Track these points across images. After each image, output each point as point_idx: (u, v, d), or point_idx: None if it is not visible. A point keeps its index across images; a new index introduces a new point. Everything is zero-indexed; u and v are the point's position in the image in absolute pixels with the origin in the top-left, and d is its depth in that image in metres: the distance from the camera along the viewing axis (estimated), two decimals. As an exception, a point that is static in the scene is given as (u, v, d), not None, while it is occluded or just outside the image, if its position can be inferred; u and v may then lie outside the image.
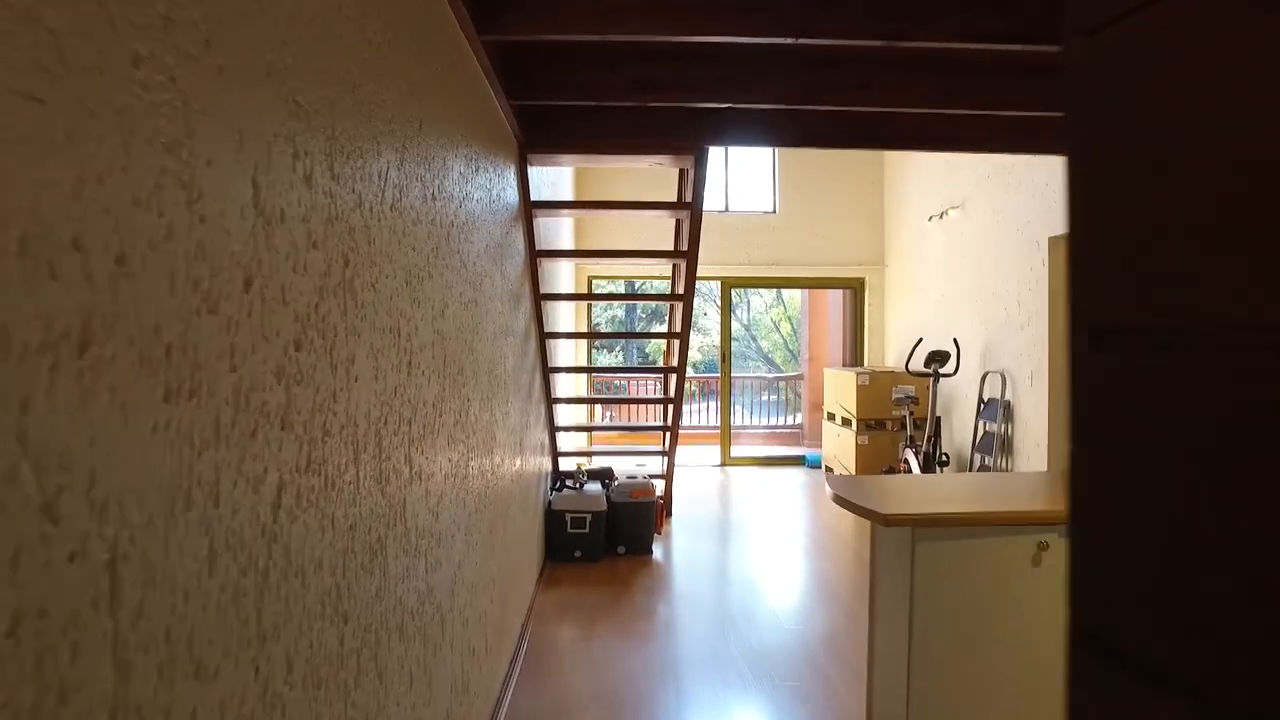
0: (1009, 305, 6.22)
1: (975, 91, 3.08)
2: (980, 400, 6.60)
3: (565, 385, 7.32)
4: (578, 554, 5.01)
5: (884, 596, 2.47)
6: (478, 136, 2.56)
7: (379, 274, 1.45)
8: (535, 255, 4.28)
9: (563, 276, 6.86)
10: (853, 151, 8.75)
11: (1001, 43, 2.40)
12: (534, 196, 4.15)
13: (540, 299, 4.47)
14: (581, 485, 5.20)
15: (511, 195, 3.48)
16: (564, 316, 6.84)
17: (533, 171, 4.24)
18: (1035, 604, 2.26)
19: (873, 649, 2.58)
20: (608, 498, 5.16)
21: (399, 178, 1.60)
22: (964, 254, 6.98)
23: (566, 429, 5.76)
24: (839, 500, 2.45)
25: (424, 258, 1.81)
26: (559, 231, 6.35)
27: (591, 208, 5.21)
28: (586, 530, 5.00)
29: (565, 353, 7.16)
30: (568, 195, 7.24)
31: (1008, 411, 6.23)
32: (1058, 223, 5.52)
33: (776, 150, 8.97)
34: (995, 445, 6.30)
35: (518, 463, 3.65)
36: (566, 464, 5.95)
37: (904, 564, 2.27)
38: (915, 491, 2.55)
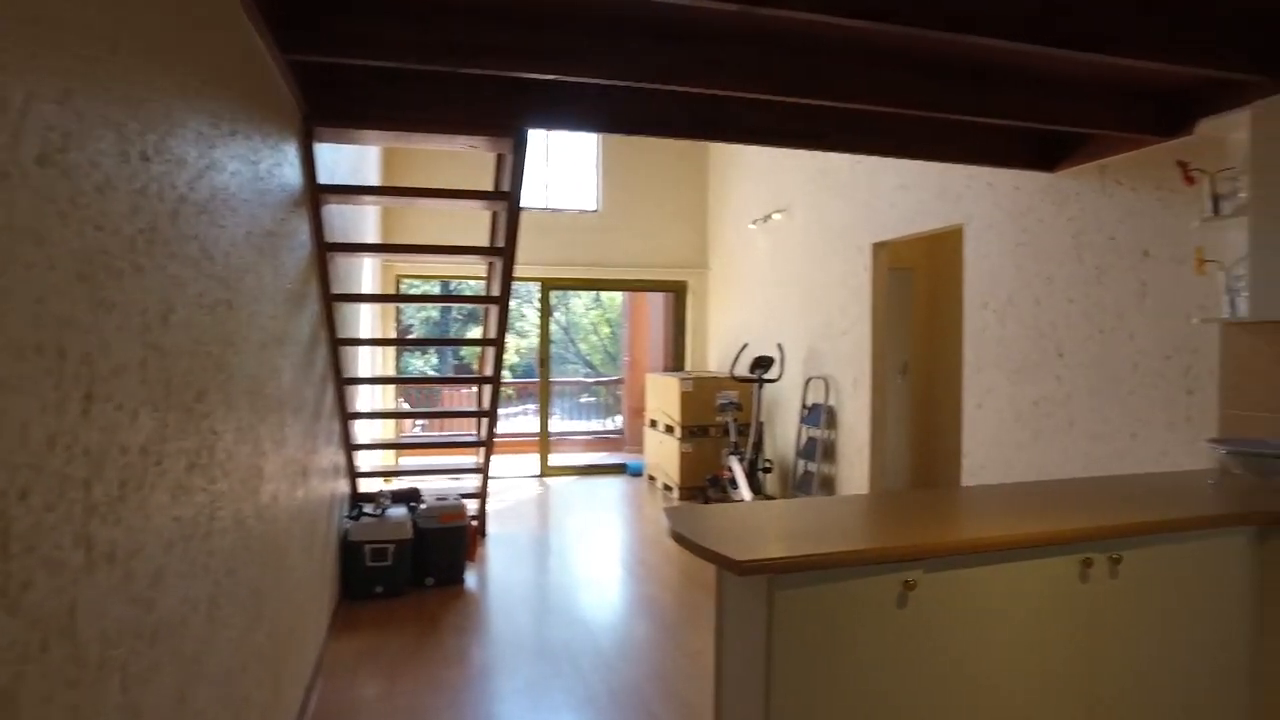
0: (832, 311, 6.24)
1: (844, 82, 2.86)
2: (804, 406, 6.60)
3: (369, 397, 6.59)
4: (379, 589, 4.40)
5: (734, 655, 2.15)
6: (232, 90, 1.98)
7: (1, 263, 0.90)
8: (325, 249, 3.65)
9: (366, 275, 6.15)
10: (679, 151, 8.62)
11: (870, 19, 2.15)
12: (325, 179, 3.52)
13: (332, 300, 3.83)
14: (384, 510, 4.59)
15: (291, 175, 2.86)
16: (366, 320, 6.13)
17: (324, 149, 3.61)
18: (903, 651, 2.01)
19: (720, 710, 2.25)
20: (414, 523, 4.59)
21: (65, 119, 1.05)
22: (788, 259, 6.98)
23: (367, 447, 5.10)
24: (682, 542, 2.10)
25: (124, 242, 1.25)
26: (361, 224, 5.65)
27: (393, 195, 4.60)
28: (389, 562, 4.40)
29: (370, 361, 6.44)
30: (374, 181, 6.51)
31: (831, 417, 6.25)
32: (881, 229, 5.57)
33: (601, 147, 8.66)
34: (819, 451, 6.31)
35: (300, 494, 3.04)
36: (370, 485, 5.29)
37: (758, 616, 1.96)
38: (765, 525, 2.25)
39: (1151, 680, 2.31)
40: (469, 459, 6.17)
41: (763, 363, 6.79)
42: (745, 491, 6.42)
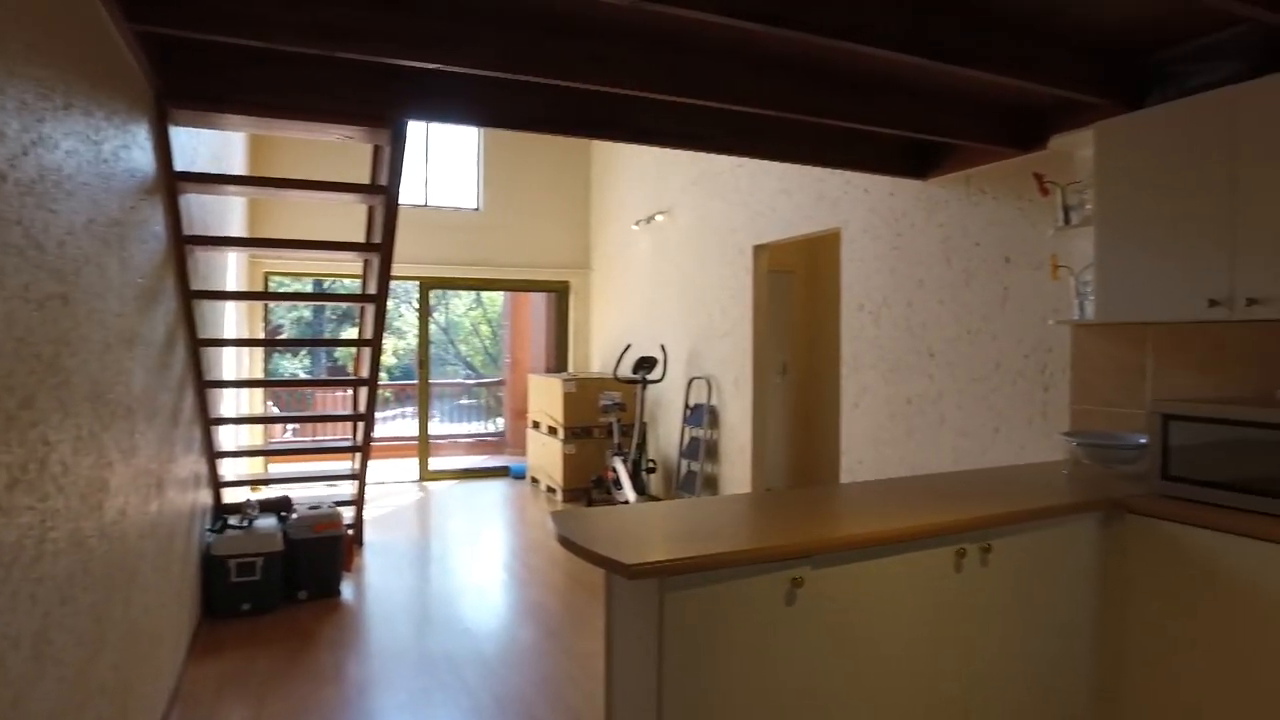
0: (714, 312, 6.33)
1: (731, 85, 2.88)
2: (687, 406, 6.66)
3: (235, 401, 6.18)
4: (246, 606, 4.12)
5: (625, 659, 2.11)
6: (65, 59, 1.78)
7: None
8: (183, 242, 3.38)
9: (231, 271, 5.77)
10: (562, 150, 8.55)
11: (761, 22, 2.16)
12: (184, 165, 3.26)
13: (191, 297, 3.56)
14: (251, 521, 4.30)
15: (141, 159, 2.63)
16: (231, 320, 5.75)
17: (182, 134, 3.35)
18: (793, 647, 2.03)
19: (611, 714, 2.21)
20: (285, 534, 4.32)
21: None
22: (670, 260, 7.03)
23: (233, 454, 4.77)
24: (569, 546, 2.04)
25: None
26: (226, 217, 5.29)
27: (261, 185, 4.31)
28: (257, 576, 4.13)
29: (236, 362, 6.04)
30: (240, 170, 6.11)
31: (714, 417, 6.34)
32: (762, 232, 5.68)
33: (483, 143, 8.47)
34: (702, 451, 6.38)
35: (153, 508, 2.79)
36: (238, 495, 4.95)
37: (649, 619, 1.93)
38: (652, 527, 2.23)
39: (1016, 657, 2.44)
40: (344, 464, 5.89)
41: (646, 363, 6.81)
42: (630, 492, 6.42)
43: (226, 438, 5.11)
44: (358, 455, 5.10)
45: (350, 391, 6.34)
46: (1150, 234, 2.79)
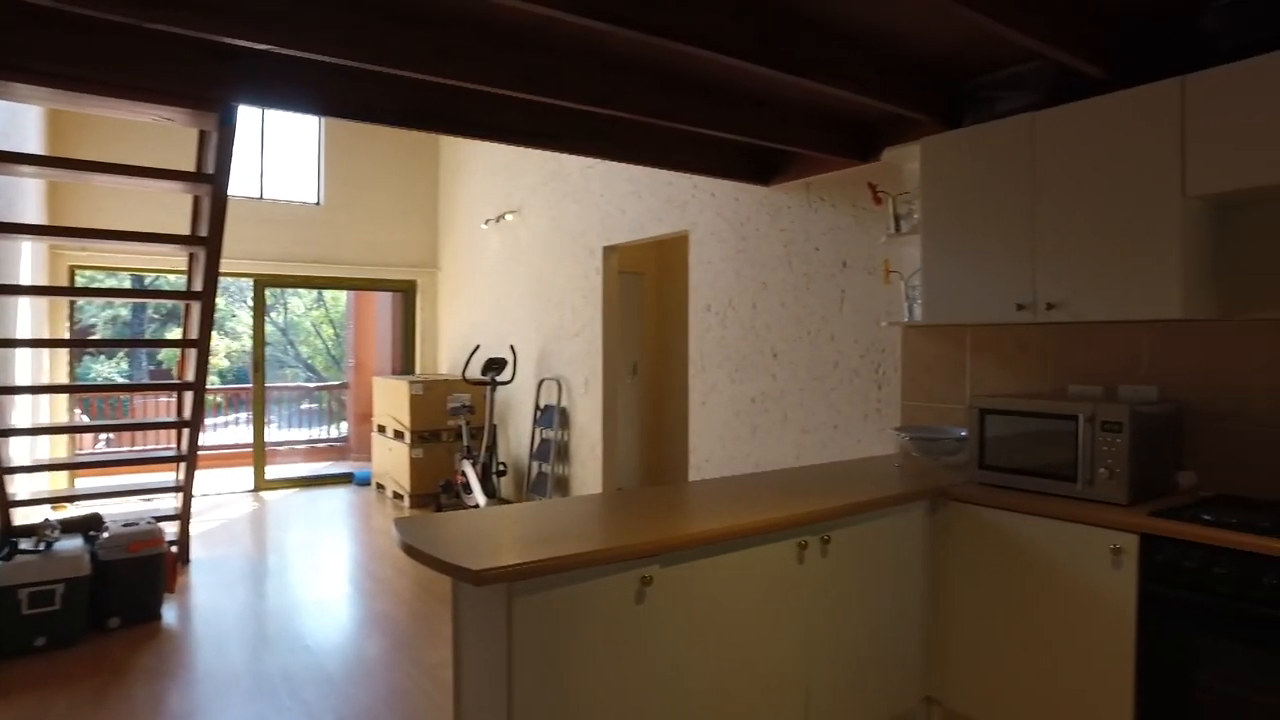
0: (564, 313, 6.31)
1: (579, 84, 2.85)
2: (537, 408, 6.61)
3: (34, 408, 5.55)
4: (41, 641, 3.69)
5: (474, 667, 2.06)
6: None
7: None
8: (-35, 228, 3.00)
9: (26, 264, 5.18)
10: (409, 144, 8.27)
11: (609, 22, 2.16)
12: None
13: (-25, 291, 3.16)
14: (50, 544, 3.87)
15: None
16: (26, 318, 5.16)
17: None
18: (644, 646, 2.05)
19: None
20: (93, 556, 3.92)
21: None
22: (521, 260, 6.95)
23: (26, 469, 4.28)
24: (414, 554, 1.97)
25: None
26: (19, 203, 4.75)
27: (61, 167, 3.88)
28: (57, 606, 3.71)
29: (34, 365, 5.42)
30: (34, 147, 5.48)
31: (564, 418, 6.32)
32: (612, 233, 5.71)
33: (324, 134, 8.04)
34: (553, 452, 6.35)
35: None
36: (34, 515, 4.45)
37: (497, 625, 1.89)
38: (501, 531, 2.18)
39: (855, 638, 2.57)
40: (168, 476, 5.42)
41: (495, 364, 6.70)
42: (480, 496, 6.30)
43: (19, 450, 4.58)
44: (183, 465, 4.71)
45: (174, 397, 5.85)
46: (968, 243, 3.02)
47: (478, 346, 7.21)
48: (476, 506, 6.20)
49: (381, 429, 7.69)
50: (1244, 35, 2.38)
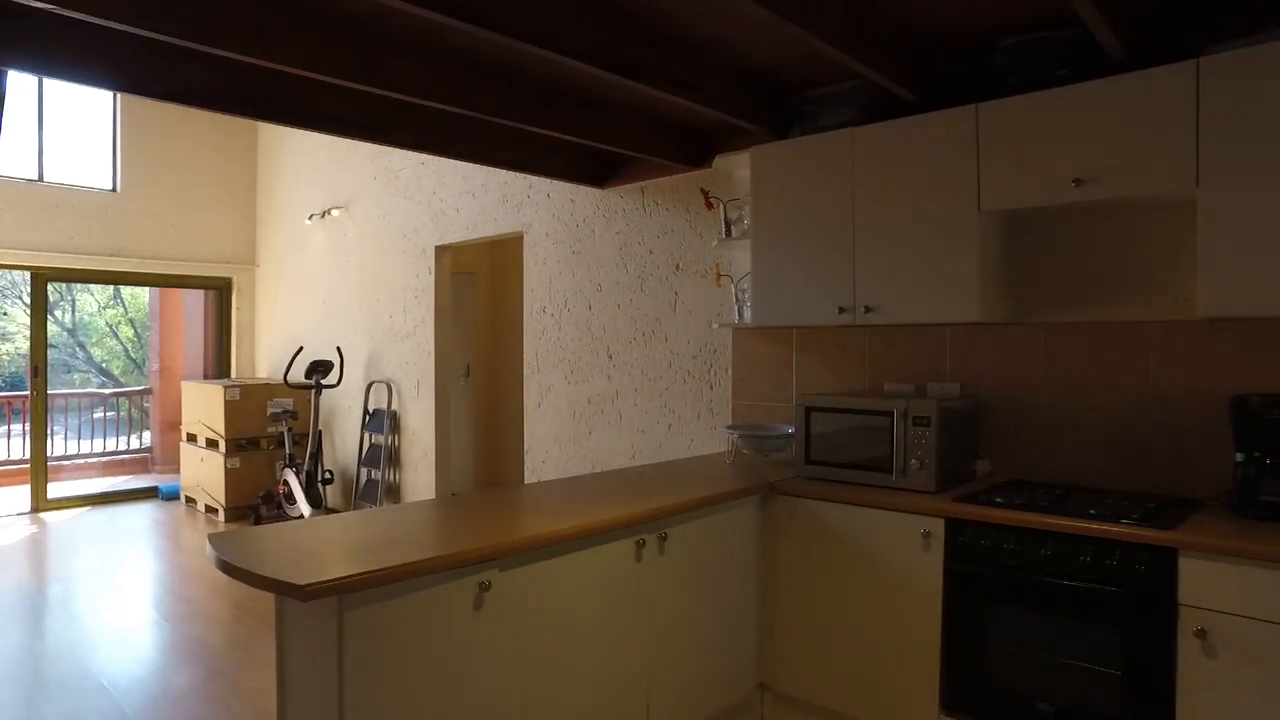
0: (395, 313, 6.08)
1: (411, 75, 2.74)
2: (366, 412, 6.32)
3: None
4: None
5: (301, 688, 1.93)
6: None
7: None
8: None
9: None
10: (224, 130, 7.68)
11: (445, 14, 2.09)
12: None
13: None
14: None
15: None
16: None
17: None
18: (483, 653, 1.99)
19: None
20: None
21: None
22: (349, 258, 6.62)
23: None
24: (231, 571, 1.82)
25: None
26: None
27: None
28: None
29: None
30: None
31: (395, 422, 6.08)
32: (446, 232, 5.56)
33: (121, 112, 7.28)
34: (383, 458, 6.09)
35: None
36: None
37: (328, 642, 1.78)
38: (329, 542, 2.06)
39: (692, 632, 2.64)
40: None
41: (321, 367, 6.35)
42: (304, 506, 5.94)
43: None
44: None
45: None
46: (795, 248, 3.18)
47: (301, 348, 6.80)
48: (301, 517, 5.84)
49: (192, 438, 7.08)
50: (1026, 73, 2.66)
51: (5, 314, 13.31)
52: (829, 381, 3.50)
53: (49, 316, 7.36)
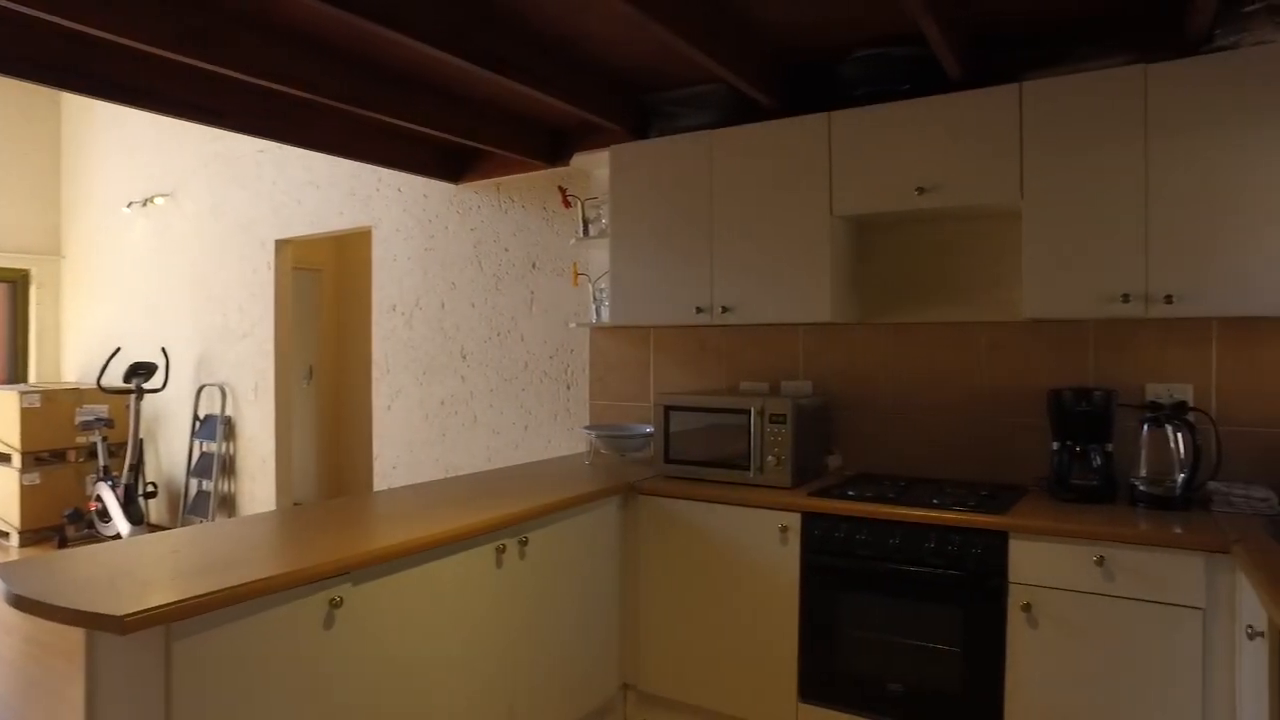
0: (229, 311, 5.63)
1: (248, 53, 2.51)
2: (196, 418, 5.82)
3: None
4: None
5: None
6: None
7: None
8: None
9: None
10: (17, 102, 6.83)
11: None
12: None
13: None
14: None
15: None
16: None
17: None
18: (337, 674, 1.85)
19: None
20: None
21: None
22: (176, 251, 6.07)
23: None
24: (29, 607, 1.59)
25: None
26: None
27: None
28: None
29: None
30: None
31: (230, 428, 5.64)
32: (287, 225, 5.22)
33: (-118, 82, 6.34)
34: (216, 467, 5.63)
35: None
36: None
37: (151, 679, 1.59)
38: (153, 563, 1.85)
39: (556, 636, 2.58)
40: None
41: (142, 369, 5.78)
42: (122, 524, 5.39)
43: None
44: None
45: None
46: (654, 248, 3.19)
47: (118, 349, 6.16)
48: (118, 536, 5.30)
49: (-21, 451, 6.27)
50: (874, 85, 2.79)
51: None
52: (686, 380, 3.54)
53: None
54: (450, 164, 4.20)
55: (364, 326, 5.57)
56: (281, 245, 5.30)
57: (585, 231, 3.61)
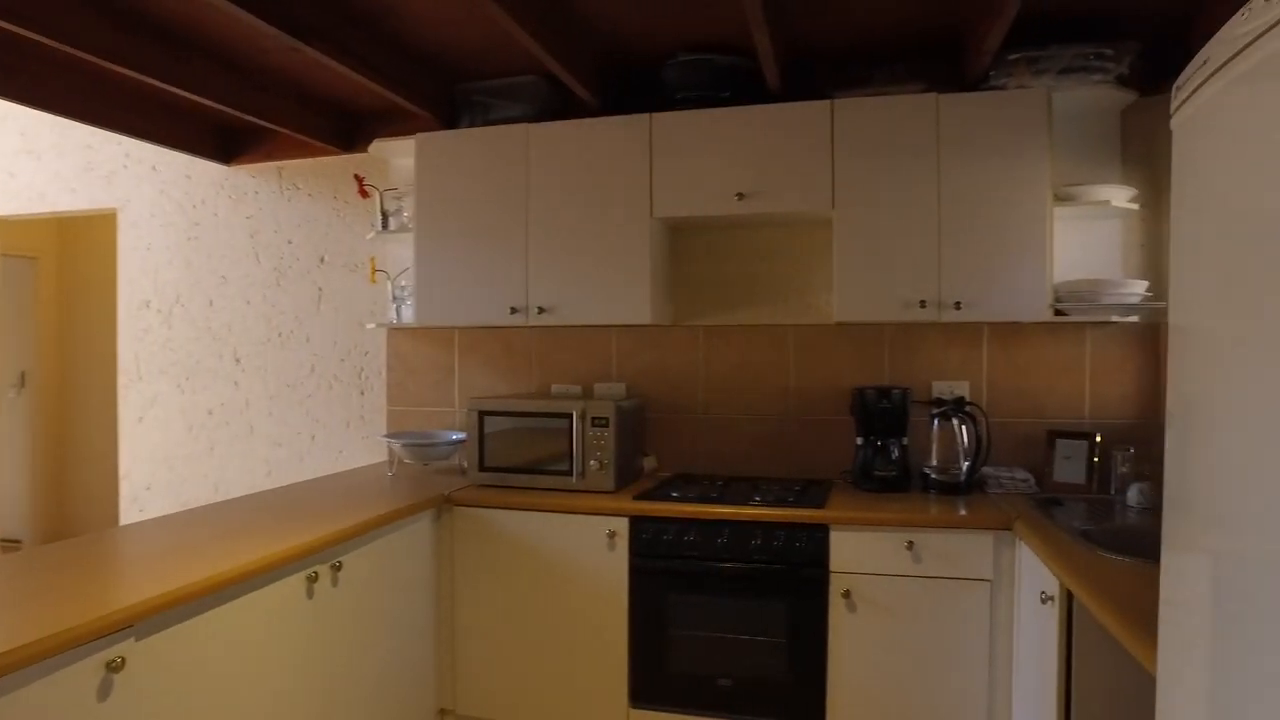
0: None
1: None
2: None
3: None
4: None
5: None
6: None
7: None
8: None
9: None
10: None
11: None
12: None
13: None
14: None
15: None
16: None
17: None
18: (109, 752, 1.53)
19: None
20: None
21: None
22: None
23: None
24: None
25: None
26: None
27: None
28: None
29: None
30: None
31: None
32: (9, 203, 4.35)
33: None
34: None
35: None
36: None
37: None
38: None
39: (375, 663, 2.35)
40: None
41: None
42: None
43: None
44: None
45: None
46: (464, 245, 3.01)
47: None
48: None
49: None
50: (694, 90, 2.82)
51: None
52: (494, 384, 3.40)
53: None
54: (221, 141, 3.72)
55: (101, 325, 4.78)
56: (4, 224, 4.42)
57: (385, 225, 3.34)
